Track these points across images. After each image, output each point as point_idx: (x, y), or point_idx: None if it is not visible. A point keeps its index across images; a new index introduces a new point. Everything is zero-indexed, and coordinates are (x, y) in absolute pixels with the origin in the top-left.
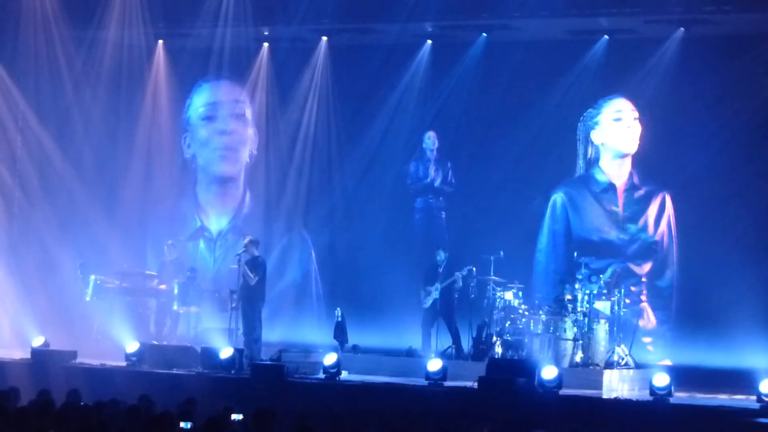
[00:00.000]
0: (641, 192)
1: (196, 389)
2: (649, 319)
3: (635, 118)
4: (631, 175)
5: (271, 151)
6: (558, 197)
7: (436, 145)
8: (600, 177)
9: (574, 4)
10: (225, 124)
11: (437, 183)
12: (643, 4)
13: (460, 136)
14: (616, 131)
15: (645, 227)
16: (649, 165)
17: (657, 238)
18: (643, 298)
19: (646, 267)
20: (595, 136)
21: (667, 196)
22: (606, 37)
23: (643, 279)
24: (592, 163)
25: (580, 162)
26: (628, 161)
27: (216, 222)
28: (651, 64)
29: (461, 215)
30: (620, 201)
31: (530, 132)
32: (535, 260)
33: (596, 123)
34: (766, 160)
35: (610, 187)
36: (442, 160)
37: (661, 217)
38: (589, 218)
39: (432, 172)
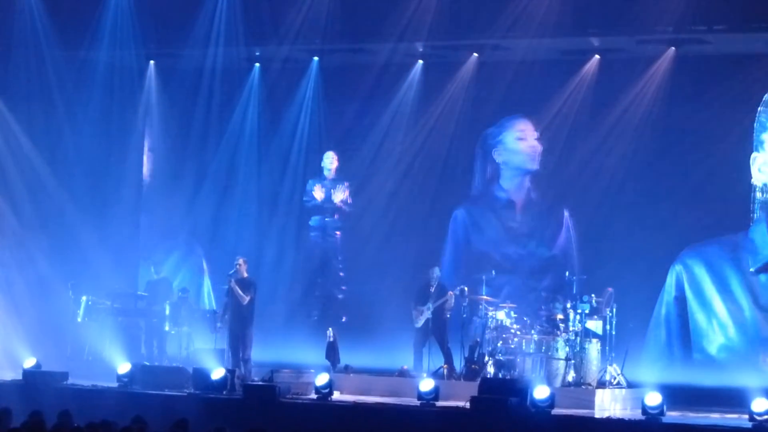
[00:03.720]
0: (539, 208)
1: (188, 410)
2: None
3: (536, 138)
4: (528, 191)
5: (264, 172)
6: (459, 213)
7: (335, 165)
8: (500, 193)
9: (564, 24)
10: None
11: (331, 202)
12: (634, 24)
13: (452, 154)
14: (520, 149)
15: (542, 242)
16: (547, 181)
17: (555, 252)
18: (543, 313)
19: (544, 282)
20: (497, 154)
21: (564, 211)
22: (597, 56)
23: (543, 294)
24: (492, 180)
25: (477, 179)
26: (527, 178)
27: None
28: (642, 83)
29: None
30: (518, 216)
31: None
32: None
33: (498, 142)
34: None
35: (509, 203)
36: (339, 180)
37: (558, 233)
38: (488, 234)
39: (319, 191)
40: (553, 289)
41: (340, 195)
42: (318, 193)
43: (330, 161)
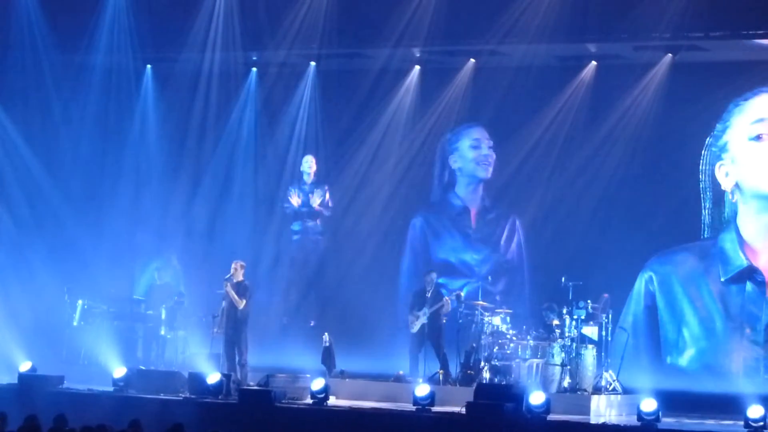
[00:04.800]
0: (492, 215)
1: (184, 414)
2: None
3: (490, 147)
4: (483, 198)
5: (260, 176)
6: (417, 221)
7: (313, 169)
8: (455, 201)
9: (561, 30)
10: None
11: (310, 207)
12: (630, 30)
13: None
14: (473, 158)
15: (497, 248)
16: (499, 189)
17: (508, 257)
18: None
19: (500, 286)
20: (453, 161)
21: (516, 219)
22: (594, 63)
23: (497, 297)
24: (448, 186)
25: (436, 184)
26: (481, 186)
27: None
28: (638, 90)
29: None
30: (473, 223)
31: (519, 156)
32: (399, 282)
33: (455, 149)
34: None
35: (464, 211)
36: (318, 184)
37: (511, 239)
38: (445, 240)
39: (296, 197)
40: (507, 292)
41: (318, 199)
42: (294, 199)
43: (309, 165)
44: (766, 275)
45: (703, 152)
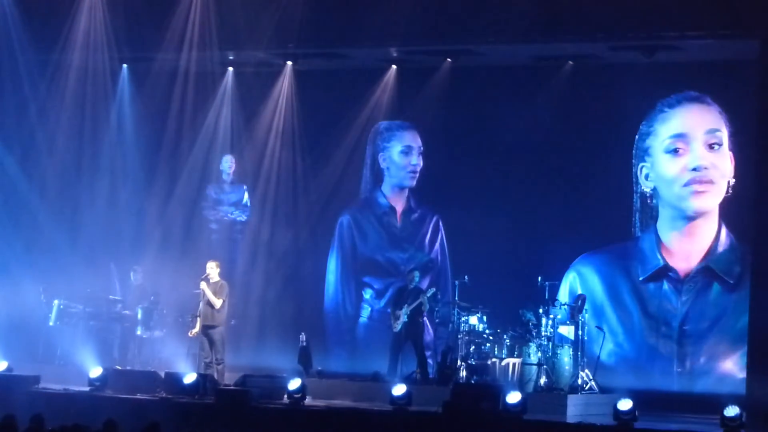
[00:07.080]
0: (416, 214)
1: (160, 414)
2: (429, 333)
3: (420, 154)
4: (408, 198)
5: (236, 177)
6: (344, 219)
7: (233, 168)
8: (381, 200)
9: (536, 30)
10: None
11: (230, 206)
12: (604, 31)
13: (425, 158)
14: (402, 165)
15: (421, 246)
16: (424, 190)
17: (432, 256)
18: (423, 311)
19: (424, 284)
20: (382, 159)
21: (438, 218)
22: (570, 62)
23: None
24: (376, 184)
25: (366, 179)
26: (407, 189)
27: None
28: (614, 91)
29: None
30: (399, 222)
31: (497, 155)
32: (326, 281)
33: (386, 147)
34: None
35: (391, 210)
36: (238, 183)
37: (435, 238)
38: (372, 239)
39: (220, 196)
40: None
41: (236, 199)
42: (213, 215)
43: (229, 165)
44: (681, 274)
45: (635, 138)
